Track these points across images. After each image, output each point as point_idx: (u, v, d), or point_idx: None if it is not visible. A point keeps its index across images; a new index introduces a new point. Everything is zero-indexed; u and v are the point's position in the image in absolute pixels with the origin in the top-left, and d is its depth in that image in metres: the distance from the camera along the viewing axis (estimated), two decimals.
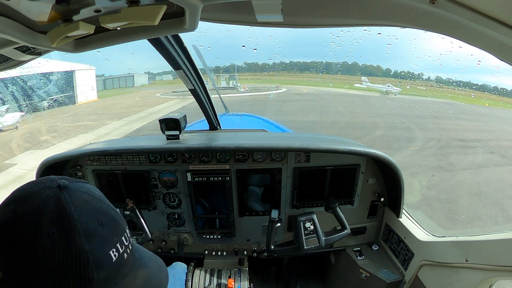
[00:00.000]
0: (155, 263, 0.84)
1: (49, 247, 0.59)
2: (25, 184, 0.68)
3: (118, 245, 0.68)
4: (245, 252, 2.28)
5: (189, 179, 2.11)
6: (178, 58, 1.72)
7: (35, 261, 0.58)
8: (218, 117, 2.64)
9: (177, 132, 2.07)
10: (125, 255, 0.70)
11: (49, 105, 18.82)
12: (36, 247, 0.59)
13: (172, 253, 2.34)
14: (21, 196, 0.64)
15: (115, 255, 0.67)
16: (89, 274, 0.62)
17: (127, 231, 0.74)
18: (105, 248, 0.65)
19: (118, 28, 0.85)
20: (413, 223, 2.00)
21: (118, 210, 0.75)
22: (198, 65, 1.97)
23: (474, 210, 6.04)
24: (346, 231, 1.95)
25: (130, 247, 0.74)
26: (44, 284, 0.59)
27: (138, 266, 0.76)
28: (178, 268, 1.99)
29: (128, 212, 2.03)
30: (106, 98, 25.50)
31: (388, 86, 21.71)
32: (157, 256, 0.88)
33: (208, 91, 2.32)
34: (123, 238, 0.71)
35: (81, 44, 0.95)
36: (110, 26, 0.74)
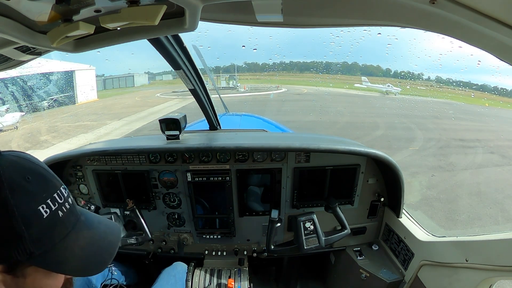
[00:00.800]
0: (105, 225, 0.82)
1: None
2: None
3: (49, 201, 0.67)
4: (245, 252, 2.28)
5: (189, 179, 2.11)
6: (178, 58, 1.72)
7: None
8: (218, 117, 2.64)
9: (177, 132, 2.07)
10: (60, 212, 0.69)
11: (49, 105, 18.82)
12: None
13: (172, 253, 2.34)
14: None
15: (45, 211, 0.66)
16: (18, 230, 0.62)
17: (62, 189, 0.73)
18: (32, 203, 0.65)
19: (118, 28, 0.85)
20: (413, 223, 2.00)
21: (52, 172, 0.74)
22: (198, 65, 1.97)
23: (474, 210, 6.04)
24: (346, 231, 1.95)
25: (68, 206, 0.73)
26: None
27: (82, 228, 0.75)
28: (179, 268, 1.99)
29: (128, 212, 2.03)
30: (106, 98, 25.51)
31: (388, 86, 21.73)
32: (110, 221, 0.86)
33: (208, 91, 2.32)
34: (55, 195, 0.69)
35: (81, 44, 0.95)
36: (110, 26, 0.74)
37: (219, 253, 2.30)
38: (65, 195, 0.73)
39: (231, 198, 2.16)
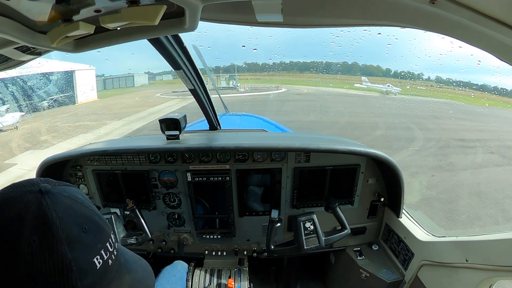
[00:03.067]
0: (141, 267, 0.82)
1: (30, 256, 0.56)
2: (5, 188, 0.65)
3: (102, 251, 0.66)
4: (245, 252, 2.28)
5: (189, 179, 2.11)
6: (178, 58, 1.72)
7: (17, 272, 0.56)
8: (218, 117, 2.64)
9: (177, 132, 2.07)
10: (110, 261, 0.68)
11: (49, 105, 18.81)
12: (17, 257, 0.56)
13: (172, 253, 2.34)
14: (2, 201, 0.61)
15: (99, 262, 0.64)
16: (72, 283, 0.60)
17: (112, 236, 0.71)
18: (89, 256, 0.63)
19: (118, 28, 0.85)
20: (413, 223, 2.00)
21: (102, 215, 0.72)
22: (198, 65, 1.97)
23: (474, 210, 6.04)
24: (346, 231, 1.95)
25: (115, 253, 0.71)
26: None
27: (124, 272, 0.74)
28: (180, 267, 1.99)
29: (128, 212, 2.03)
30: (106, 98, 25.50)
31: (388, 86, 21.71)
32: (142, 258, 0.85)
33: (208, 91, 2.32)
34: (107, 244, 0.68)
35: (81, 44, 0.95)
36: (110, 26, 0.74)
37: (219, 253, 2.30)
38: (114, 241, 0.72)
39: (231, 198, 2.16)
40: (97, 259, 0.64)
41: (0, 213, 0.60)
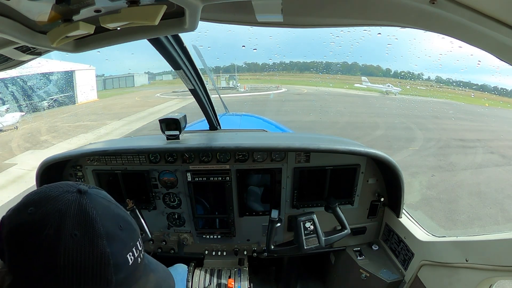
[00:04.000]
0: (162, 269, 0.87)
1: (72, 249, 0.60)
2: (42, 188, 0.69)
3: (134, 249, 0.71)
4: (245, 252, 2.28)
5: (189, 179, 2.11)
6: (178, 58, 1.72)
7: (56, 263, 0.59)
8: (218, 117, 2.64)
9: (177, 132, 2.07)
10: (139, 259, 0.73)
11: (49, 105, 18.82)
12: (58, 249, 0.60)
13: (172, 253, 2.34)
14: (40, 199, 0.65)
15: (131, 259, 0.69)
16: (108, 276, 0.64)
17: (140, 237, 0.77)
18: (124, 252, 0.68)
19: (118, 28, 0.85)
20: (413, 223, 2.00)
21: (131, 216, 0.78)
22: (198, 65, 1.97)
23: (474, 210, 6.04)
24: (346, 231, 1.95)
25: (143, 252, 0.76)
26: (63, 285, 0.60)
27: (149, 271, 0.79)
28: (180, 270, 1.99)
29: (128, 212, 2.02)
30: (106, 98, 25.50)
31: (388, 86, 21.71)
32: (161, 264, 0.91)
33: (208, 91, 2.32)
34: (137, 243, 0.73)
35: (81, 44, 0.95)
36: (110, 26, 0.74)
37: (219, 253, 2.30)
38: (142, 241, 0.77)
39: (231, 198, 2.16)
40: (129, 255, 0.69)
41: (40, 209, 0.63)
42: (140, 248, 0.74)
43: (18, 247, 0.61)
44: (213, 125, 2.63)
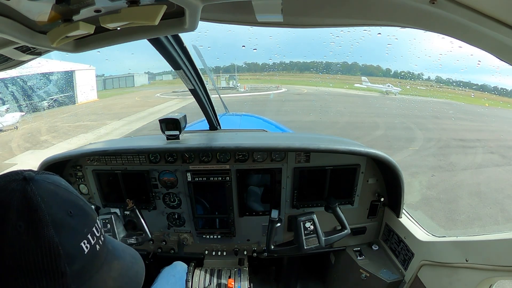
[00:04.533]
0: (129, 254, 0.82)
1: (17, 241, 0.56)
2: None
3: (89, 236, 0.66)
4: (245, 252, 2.28)
5: (189, 179, 2.11)
6: (178, 58, 1.72)
7: (3, 258, 0.56)
8: (218, 117, 2.64)
9: (177, 132, 2.07)
10: (98, 246, 0.68)
11: (49, 105, 18.82)
12: (3, 243, 0.56)
13: (172, 253, 2.34)
14: None
15: (87, 247, 0.65)
16: (61, 268, 0.60)
17: (98, 221, 0.72)
18: (76, 240, 0.63)
19: (118, 28, 0.85)
20: (413, 223, 2.00)
21: (86, 201, 0.72)
22: (198, 65, 1.97)
23: (474, 210, 6.04)
24: (346, 231, 1.95)
25: (102, 238, 0.72)
26: (15, 282, 0.57)
27: (112, 258, 0.74)
28: (179, 268, 1.99)
29: (128, 212, 2.03)
30: (106, 98, 25.50)
31: (388, 86, 21.72)
32: (130, 247, 0.86)
33: (208, 91, 2.32)
34: (94, 229, 0.68)
35: (81, 44, 0.95)
36: (110, 26, 0.74)
37: (219, 253, 2.30)
38: (100, 227, 0.72)
39: (231, 198, 2.16)
40: (84, 243, 0.64)
41: None
42: (97, 235, 0.69)
43: None
44: (213, 125, 2.63)
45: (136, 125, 14.59)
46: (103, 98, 24.73)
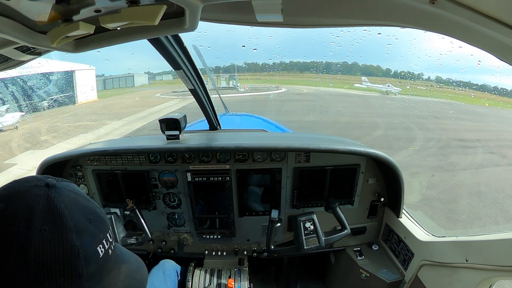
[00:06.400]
0: (135, 260, 0.87)
1: (41, 244, 0.60)
2: (10, 183, 0.68)
3: (104, 241, 0.71)
4: (245, 252, 2.28)
5: (189, 179, 2.11)
6: (178, 58, 1.72)
7: (28, 259, 0.59)
8: (218, 117, 2.64)
9: (177, 132, 2.07)
10: (110, 251, 0.73)
11: (49, 105, 18.83)
12: (29, 245, 0.59)
13: (172, 253, 2.34)
14: (8, 195, 0.65)
15: (101, 251, 0.69)
16: (79, 270, 0.64)
17: (110, 228, 0.77)
18: (94, 244, 0.68)
19: (118, 28, 0.85)
20: (413, 223, 2.00)
21: (101, 208, 0.77)
22: (198, 65, 1.97)
23: (474, 210, 6.04)
24: (346, 231, 1.95)
25: (113, 244, 0.77)
26: (35, 281, 0.60)
27: (120, 262, 0.79)
28: (167, 265, 1.99)
29: (128, 212, 2.02)
30: (106, 98, 25.51)
31: (388, 86, 21.73)
32: (134, 254, 0.91)
33: (208, 91, 2.31)
34: (107, 235, 0.73)
35: (81, 44, 0.95)
36: (110, 26, 0.74)
37: (219, 253, 2.30)
38: (112, 233, 0.77)
39: (231, 198, 2.16)
40: (99, 248, 0.69)
41: (8, 205, 0.63)
42: (110, 240, 0.74)
43: None
44: (213, 125, 2.63)
45: (136, 125, 14.59)
46: (103, 98, 24.74)
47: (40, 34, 0.86)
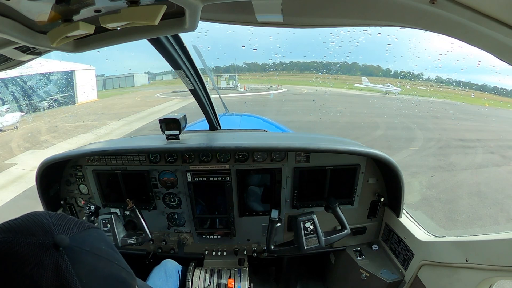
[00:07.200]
0: None
1: None
2: (5, 232, 0.50)
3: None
4: (245, 252, 2.28)
5: (189, 179, 2.11)
6: (178, 58, 1.72)
7: None
8: (218, 117, 2.64)
9: (177, 132, 2.07)
10: None
11: (49, 105, 18.83)
12: None
13: (172, 253, 2.34)
14: (4, 254, 0.48)
15: None
16: None
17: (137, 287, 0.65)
18: None
19: (118, 28, 0.85)
20: (413, 223, 2.00)
21: (127, 265, 0.62)
22: (198, 65, 1.97)
23: (474, 210, 6.04)
24: (346, 231, 1.95)
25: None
26: None
27: None
28: (169, 265, 2.00)
29: (128, 212, 2.03)
30: (106, 98, 25.49)
31: (388, 86, 21.71)
32: None
33: (208, 91, 2.31)
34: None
35: (81, 44, 0.95)
36: (110, 26, 0.74)
37: (219, 253, 2.30)
38: None
39: (231, 198, 2.16)
40: None
41: (7, 271, 0.46)
42: None
43: None
44: (213, 125, 2.63)
45: (136, 125, 14.58)
46: (103, 98, 24.72)
47: (40, 34, 0.86)
